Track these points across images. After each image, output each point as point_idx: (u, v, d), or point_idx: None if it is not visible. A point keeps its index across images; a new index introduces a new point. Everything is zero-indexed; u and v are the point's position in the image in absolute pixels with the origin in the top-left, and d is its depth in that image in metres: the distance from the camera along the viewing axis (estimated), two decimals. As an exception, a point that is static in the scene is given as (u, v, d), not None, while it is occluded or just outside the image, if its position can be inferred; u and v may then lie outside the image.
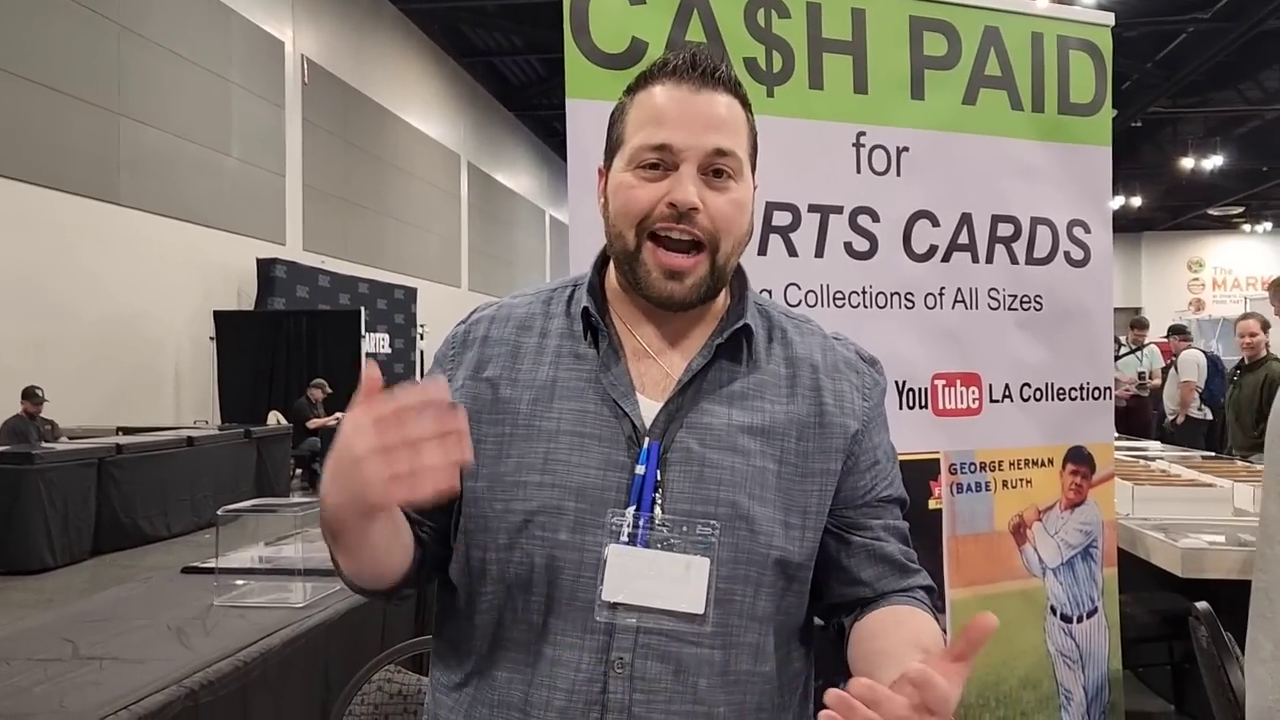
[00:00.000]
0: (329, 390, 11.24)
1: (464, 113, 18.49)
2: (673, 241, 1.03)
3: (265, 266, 11.80)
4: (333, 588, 2.72)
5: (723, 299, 1.13)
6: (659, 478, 1.02)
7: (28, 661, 2.15)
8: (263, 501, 3.60)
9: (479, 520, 1.05)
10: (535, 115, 21.09)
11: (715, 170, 1.04)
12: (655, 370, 1.08)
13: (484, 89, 19.17)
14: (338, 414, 10.93)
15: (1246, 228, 27.12)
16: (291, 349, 11.77)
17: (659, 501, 1.01)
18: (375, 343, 13.28)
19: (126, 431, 8.83)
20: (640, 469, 1.02)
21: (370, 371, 0.87)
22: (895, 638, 1.03)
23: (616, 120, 1.10)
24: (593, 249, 1.79)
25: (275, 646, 2.32)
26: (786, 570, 1.05)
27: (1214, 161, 18.63)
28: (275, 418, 10.83)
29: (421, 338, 15.38)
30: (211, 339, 11.16)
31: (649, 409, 1.05)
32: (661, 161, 1.03)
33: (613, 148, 1.10)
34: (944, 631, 1.14)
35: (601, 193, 1.11)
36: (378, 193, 15.13)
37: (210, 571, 2.92)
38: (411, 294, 15.09)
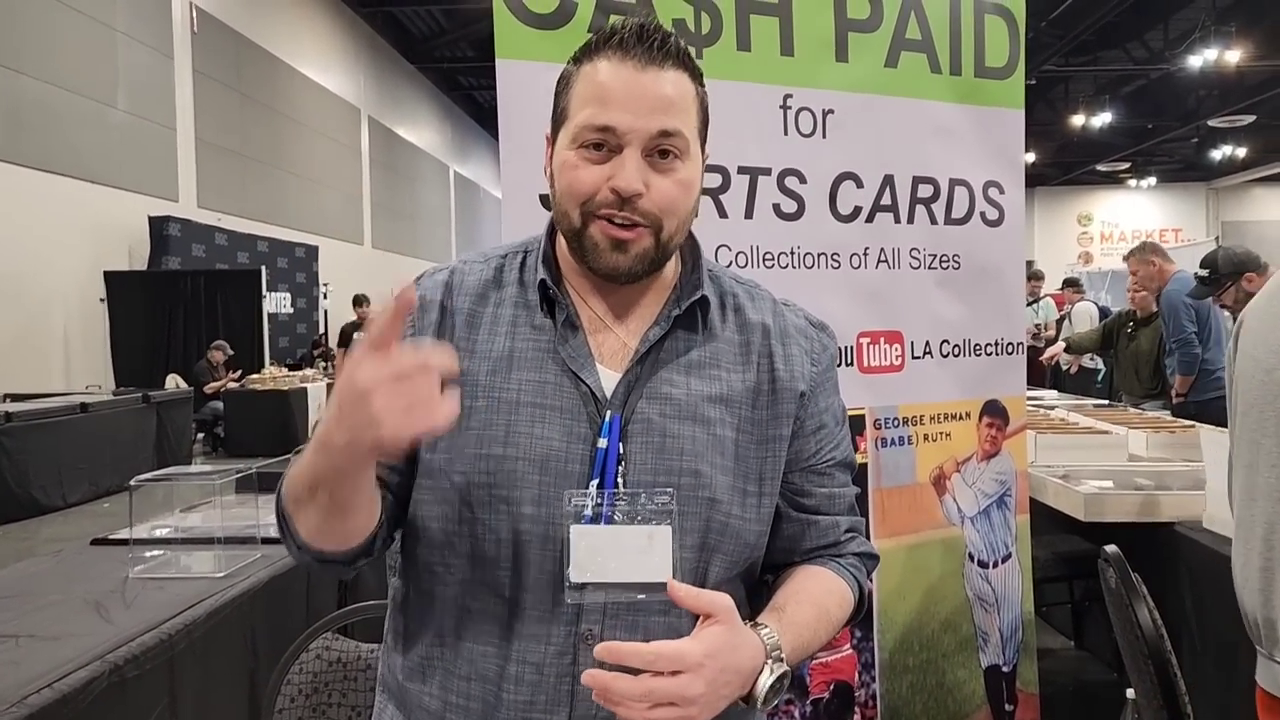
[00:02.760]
0: (230, 352, 10.93)
1: (364, 65, 17.96)
2: (615, 223, 1.02)
3: (158, 224, 11.33)
4: (252, 556, 2.67)
5: (674, 267, 1.12)
6: (621, 450, 1.02)
7: None
8: (177, 470, 3.49)
9: (439, 492, 1.04)
10: (438, 68, 20.60)
11: (661, 151, 1.02)
12: (612, 340, 1.08)
13: (384, 40, 18.63)
14: (234, 374, 10.68)
15: (1132, 183, 28.12)
16: (189, 310, 11.37)
17: (622, 474, 1.02)
18: (276, 302, 12.95)
19: (15, 398, 8.44)
20: (603, 442, 1.02)
21: (406, 294, 0.85)
22: (786, 588, 1.08)
23: (562, 91, 1.07)
24: (525, 211, 1.79)
25: (200, 617, 2.27)
26: (745, 537, 1.07)
27: (1103, 119, 19.24)
28: (174, 381, 10.49)
29: (325, 296, 15.05)
30: (102, 301, 10.69)
31: (609, 380, 1.05)
32: (605, 142, 1.01)
33: (558, 119, 1.07)
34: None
35: (549, 161, 1.09)
36: (275, 148, 14.63)
37: (123, 543, 2.83)
38: (313, 252, 14.72)
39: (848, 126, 2.14)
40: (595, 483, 1.01)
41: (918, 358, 2.25)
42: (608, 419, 1.03)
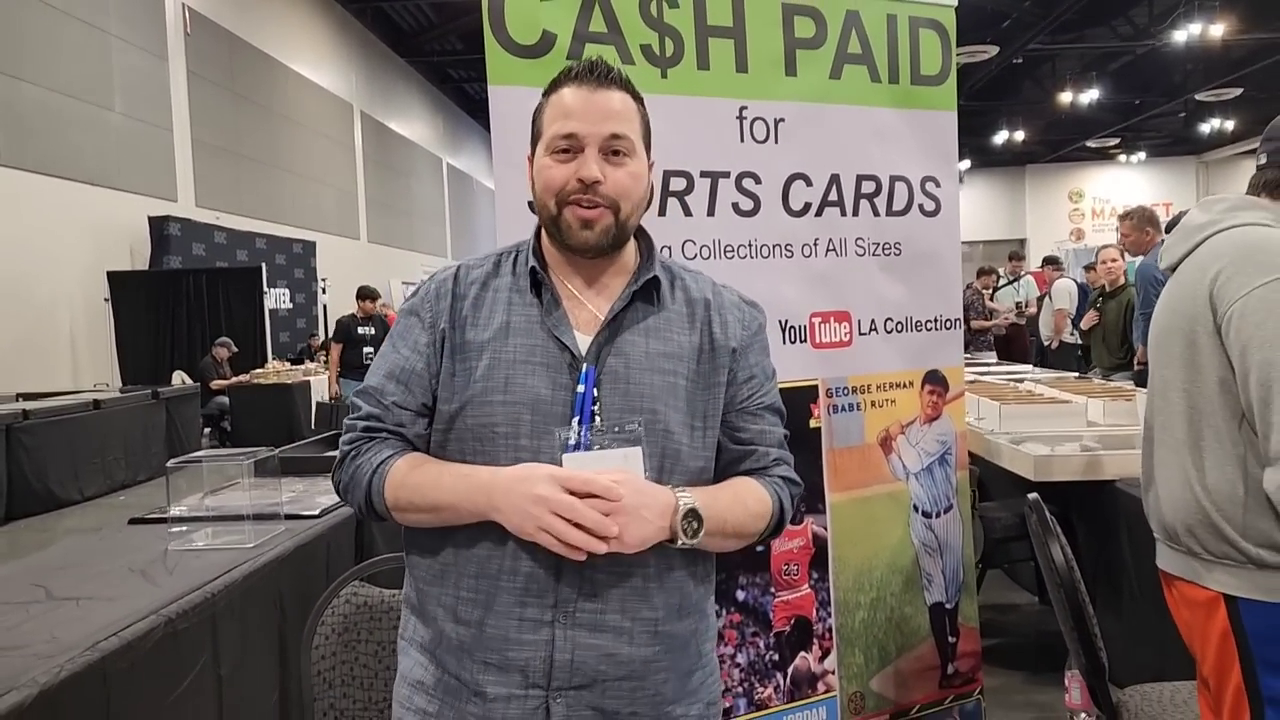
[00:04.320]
0: (234, 349, 11.15)
1: (355, 61, 18.11)
2: (583, 206, 1.33)
3: (158, 224, 11.53)
4: (277, 530, 2.95)
5: (633, 255, 1.43)
6: (595, 394, 1.31)
7: (5, 605, 2.30)
8: (206, 453, 3.77)
9: (454, 432, 1.34)
10: (428, 62, 20.69)
11: (613, 150, 1.32)
12: (585, 312, 1.38)
13: (374, 35, 18.76)
14: (242, 377, 10.92)
15: (1122, 158, 28.14)
16: (191, 308, 11.58)
17: (597, 413, 1.31)
18: (275, 298, 13.15)
19: (26, 398, 8.67)
20: (580, 388, 1.31)
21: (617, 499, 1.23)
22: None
23: (537, 117, 1.39)
24: (516, 215, 2.08)
25: (237, 580, 2.54)
26: (694, 462, 1.36)
27: (1090, 95, 19.30)
28: (180, 377, 10.73)
29: (324, 291, 15.22)
30: (106, 300, 10.90)
31: (583, 341, 1.35)
32: (571, 146, 1.32)
33: (535, 138, 1.39)
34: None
35: (530, 175, 1.40)
36: (270, 145, 14.81)
37: (159, 521, 3.11)
38: (310, 248, 14.90)
39: (797, 133, 2.41)
40: (576, 420, 1.30)
41: (864, 334, 2.54)
42: (584, 370, 1.32)
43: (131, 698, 2.04)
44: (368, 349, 8.95)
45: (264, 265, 12.38)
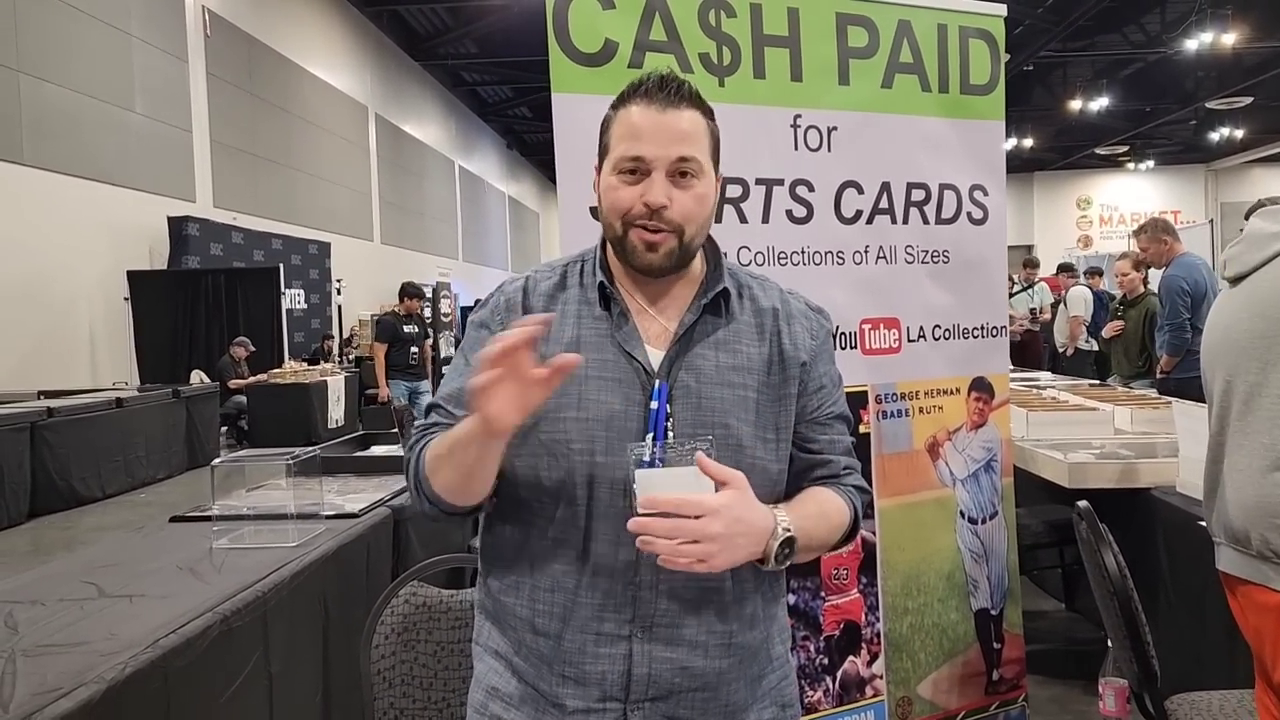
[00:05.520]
0: (252, 348, 11.21)
1: (370, 64, 18.20)
2: (647, 230, 1.32)
3: (177, 225, 11.61)
4: (318, 529, 2.97)
5: (700, 266, 1.42)
6: (668, 410, 1.32)
7: (60, 602, 2.32)
8: (248, 453, 3.81)
9: (530, 447, 1.33)
10: (442, 65, 20.78)
11: (681, 172, 1.31)
12: (655, 326, 1.37)
13: (390, 39, 18.86)
14: (260, 377, 10.96)
15: (1131, 166, 28.13)
16: (210, 308, 11.65)
17: (670, 429, 1.31)
18: (290, 298, 13.20)
19: (48, 395, 8.74)
20: (654, 404, 1.31)
21: (531, 330, 1.16)
22: (793, 498, 1.38)
23: (605, 130, 1.37)
24: (579, 220, 2.11)
25: (285, 579, 2.56)
26: (768, 473, 1.37)
27: (1100, 103, 19.35)
28: (199, 377, 10.78)
29: (339, 292, 15.29)
30: (126, 299, 10.97)
31: (655, 356, 1.35)
32: (638, 168, 1.30)
33: (603, 151, 1.36)
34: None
35: (596, 185, 1.39)
36: (286, 147, 14.89)
37: (201, 519, 3.13)
38: (325, 249, 14.97)
39: (850, 141, 2.44)
40: (650, 436, 1.30)
41: (913, 341, 2.56)
42: (657, 386, 1.32)
43: (190, 694, 2.06)
44: (414, 349, 8.73)
45: (280, 265, 12.42)
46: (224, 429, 10.90)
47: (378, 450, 4.45)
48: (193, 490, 8.10)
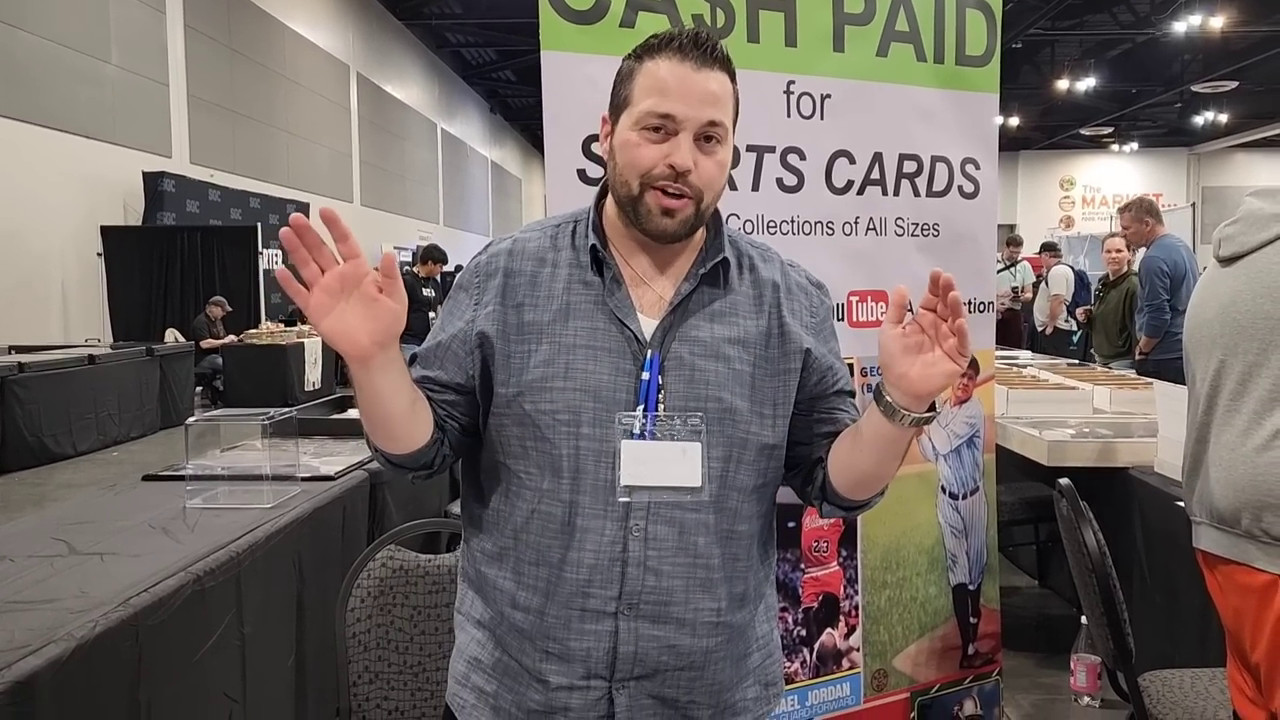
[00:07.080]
0: (228, 308, 11.08)
1: (353, 22, 17.91)
2: (668, 194, 1.26)
3: (152, 180, 11.42)
4: (294, 491, 2.94)
5: (701, 232, 1.36)
6: (660, 382, 1.27)
7: (29, 559, 2.28)
8: (223, 412, 3.75)
9: (514, 417, 1.29)
10: (425, 25, 20.47)
11: (706, 136, 1.24)
12: (650, 294, 1.31)
13: (373, -3, 18.62)
14: (234, 338, 10.85)
15: (1115, 147, 28.16)
16: (185, 265, 11.51)
17: (661, 401, 1.26)
18: (268, 258, 13.05)
19: (19, 350, 8.62)
20: (645, 375, 1.26)
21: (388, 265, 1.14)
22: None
23: (624, 80, 1.28)
24: (566, 182, 2.06)
25: (260, 540, 2.53)
26: (763, 450, 1.33)
27: (1087, 83, 19.32)
28: (173, 335, 10.67)
29: (317, 253, 15.11)
30: (99, 255, 10.81)
31: (648, 325, 1.29)
32: (664, 126, 1.22)
33: (619, 105, 1.28)
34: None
35: (606, 137, 1.32)
36: (266, 104, 14.66)
37: (174, 479, 3.09)
38: (304, 209, 14.71)
39: (843, 110, 2.40)
40: (641, 407, 1.26)
41: (900, 314, 2.53)
42: (649, 357, 1.27)
43: (161, 654, 2.04)
44: (432, 314, 8.55)
45: (259, 225, 12.26)
46: (199, 389, 10.80)
47: (355, 413, 4.40)
48: (166, 450, 8.04)
